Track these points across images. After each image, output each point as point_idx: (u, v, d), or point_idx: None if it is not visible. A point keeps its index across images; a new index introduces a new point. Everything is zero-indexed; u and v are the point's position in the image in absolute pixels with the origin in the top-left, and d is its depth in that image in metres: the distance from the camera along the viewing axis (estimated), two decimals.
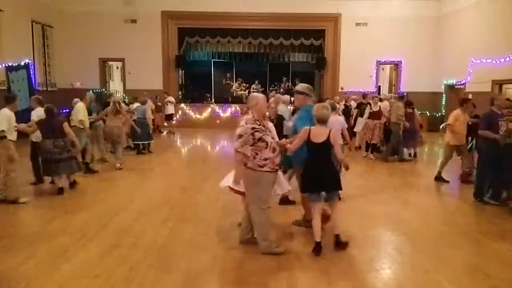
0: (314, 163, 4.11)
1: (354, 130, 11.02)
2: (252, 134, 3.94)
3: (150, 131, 10.35)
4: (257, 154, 3.97)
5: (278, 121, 6.01)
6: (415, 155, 9.88)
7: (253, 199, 4.09)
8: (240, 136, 3.93)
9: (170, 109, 14.76)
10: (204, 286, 3.53)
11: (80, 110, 7.52)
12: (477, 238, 4.76)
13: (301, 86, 4.91)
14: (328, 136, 4.05)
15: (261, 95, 4.33)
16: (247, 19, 16.12)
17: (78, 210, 5.58)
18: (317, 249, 4.10)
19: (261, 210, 4.07)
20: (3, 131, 5.54)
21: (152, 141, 10.39)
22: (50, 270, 3.72)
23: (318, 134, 4.08)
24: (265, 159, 3.97)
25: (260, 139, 3.96)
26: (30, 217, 5.44)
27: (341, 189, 4.24)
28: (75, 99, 8.05)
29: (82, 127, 7.48)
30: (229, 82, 18.62)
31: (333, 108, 6.08)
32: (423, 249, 4.36)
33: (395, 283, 3.62)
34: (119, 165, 8.22)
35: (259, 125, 4.00)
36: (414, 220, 5.44)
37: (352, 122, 11.39)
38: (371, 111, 9.84)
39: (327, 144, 4.06)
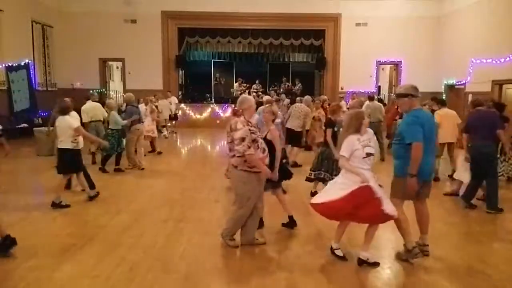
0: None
1: None
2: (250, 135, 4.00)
3: None
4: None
5: None
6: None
7: (241, 197, 4.16)
8: (243, 139, 3.94)
9: (173, 109, 14.72)
10: (204, 286, 3.52)
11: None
12: (477, 238, 4.76)
13: (404, 87, 4.26)
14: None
15: (252, 98, 4.51)
16: (247, 19, 16.11)
17: (78, 210, 5.59)
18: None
19: (245, 207, 4.16)
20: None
21: None
22: (50, 270, 3.72)
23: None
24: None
25: (254, 140, 4.01)
26: (30, 217, 5.43)
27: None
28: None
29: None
30: (218, 81, 18.60)
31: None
32: None
33: (395, 283, 3.63)
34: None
35: (251, 126, 4.07)
36: (414, 220, 5.43)
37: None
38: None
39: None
